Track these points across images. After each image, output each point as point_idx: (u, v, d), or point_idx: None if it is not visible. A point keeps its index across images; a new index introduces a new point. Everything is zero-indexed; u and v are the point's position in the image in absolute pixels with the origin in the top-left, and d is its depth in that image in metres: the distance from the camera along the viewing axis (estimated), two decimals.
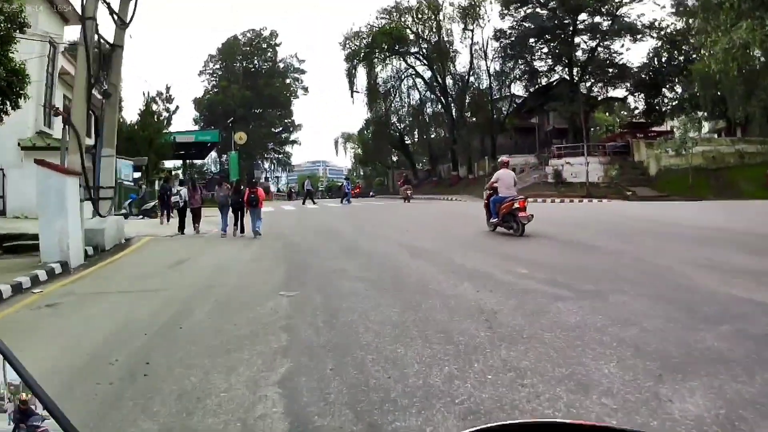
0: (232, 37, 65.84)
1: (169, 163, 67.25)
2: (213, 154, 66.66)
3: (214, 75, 65.67)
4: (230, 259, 11.29)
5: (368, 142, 56.71)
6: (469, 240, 12.11)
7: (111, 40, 14.14)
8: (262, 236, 14.81)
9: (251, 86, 63.02)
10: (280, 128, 73.76)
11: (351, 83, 49.60)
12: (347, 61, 49.27)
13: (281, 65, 67.81)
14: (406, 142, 57.02)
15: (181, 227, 17.31)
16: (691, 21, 36.23)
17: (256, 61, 67.09)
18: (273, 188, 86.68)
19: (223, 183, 18.45)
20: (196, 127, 61.02)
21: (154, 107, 42.77)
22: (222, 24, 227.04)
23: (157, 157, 37.24)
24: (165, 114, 43.76)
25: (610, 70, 45.03)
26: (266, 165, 76.49)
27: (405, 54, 48.14)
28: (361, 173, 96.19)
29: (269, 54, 67.36)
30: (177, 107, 43.90)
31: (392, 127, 54.13)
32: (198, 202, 17.56)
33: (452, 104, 48.16)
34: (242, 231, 15.91)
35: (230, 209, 16.10)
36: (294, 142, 74.99)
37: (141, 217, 23.38)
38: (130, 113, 42.04)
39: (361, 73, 48.91)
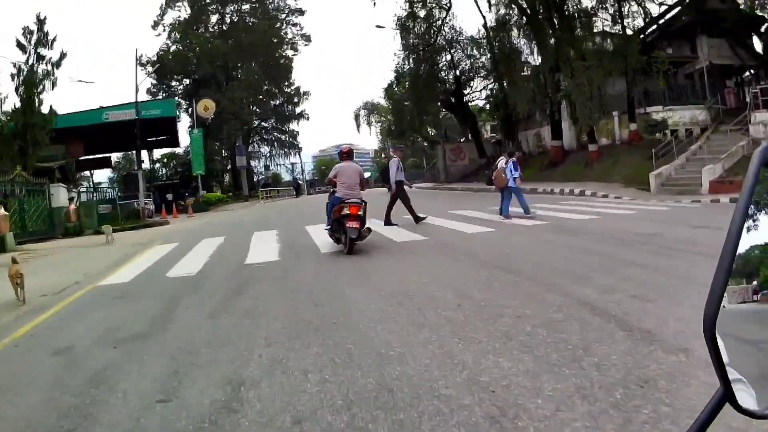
0: None
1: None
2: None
3: (176, 26, 45.38)
4: None
5: (401, 103, 35.86)
6: None
7: None
8: None
9: (227, 36, 43.33)
10: (280, 99, 54.26)
11: None
12: None
13: (270, 5, 47.51)
14: (465, 97, 35.64)
15: None
16: None
17: (239, 5, 47.05)
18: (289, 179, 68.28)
19: None
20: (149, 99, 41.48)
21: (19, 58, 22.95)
22: None
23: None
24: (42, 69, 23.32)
25: None
26: (264, 149, 57.07)
27: None
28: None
29: None
30: (64, 54, 23.27)
31: (442, 73, 33.40)
32: None
33: (546, 23, 27.01)
34: None
35: None
36: (300, 116, 55.25)
37: None
38: None
39: None
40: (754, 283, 0.81)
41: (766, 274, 0.81)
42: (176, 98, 42.30)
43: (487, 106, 37.57)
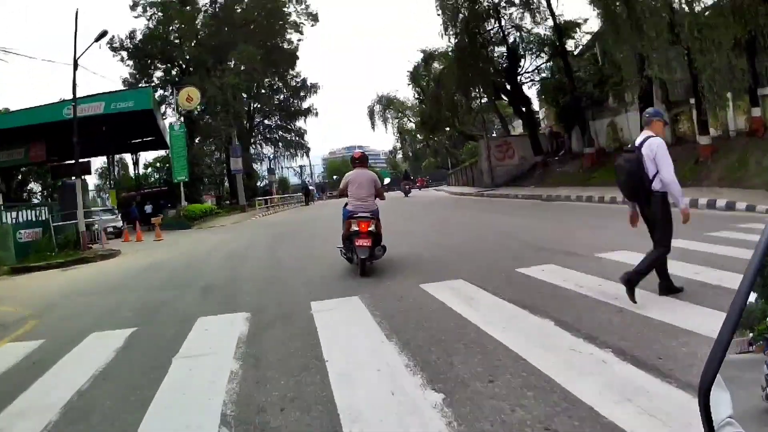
0: None
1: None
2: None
3: (156, 3, 38.14)
4: None
5: (438, 86, 28.53)
6: None
7: None
8: None
9: (218, 17, 36.49)
10: (285, 93, 47.52)
11: None
12: None
13: None
14: (519, 77, 27.97)
15: None
16: None
17: None
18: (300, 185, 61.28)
19: None
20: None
21: None
22: None
23: None
24: None
25: None
26: (266, 149, 50.10)
27: None
28: (409, 153, 67.68)
29: None
30: None
31: (489, 47, 26.15)
32: None
33: None
34: None
35: None
36: (308, 111, 48.33)
37: None
38: None
39: None
40: (750, 335, 0.87)
41: (760, 328, 0.87)
42: (157, 88, 35.25)
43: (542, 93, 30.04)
